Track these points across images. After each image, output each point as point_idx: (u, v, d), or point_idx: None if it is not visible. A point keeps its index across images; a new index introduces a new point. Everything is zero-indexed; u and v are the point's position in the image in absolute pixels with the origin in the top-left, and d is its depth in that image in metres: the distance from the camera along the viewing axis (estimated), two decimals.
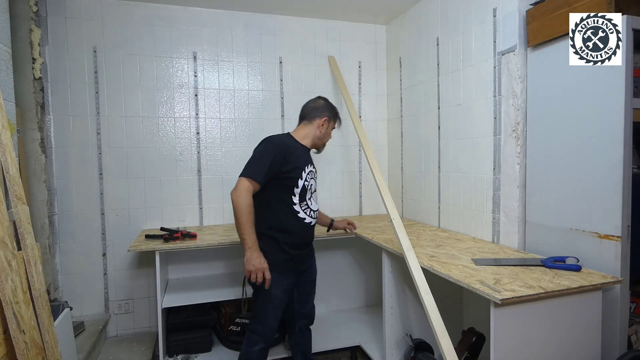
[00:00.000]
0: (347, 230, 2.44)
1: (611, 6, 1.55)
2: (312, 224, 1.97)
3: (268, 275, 1.78)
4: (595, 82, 1.64)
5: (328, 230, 2.41)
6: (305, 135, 1.99)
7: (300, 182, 1.86)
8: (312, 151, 2.07)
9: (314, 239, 2.06)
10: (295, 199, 1.87)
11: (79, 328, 2.38)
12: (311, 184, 1.95)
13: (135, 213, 2.71)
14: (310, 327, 2.19)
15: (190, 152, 2.81)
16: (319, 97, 2.09)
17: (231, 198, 1.75)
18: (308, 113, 2.02)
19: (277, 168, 1.80)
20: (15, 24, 2.14)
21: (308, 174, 1.92)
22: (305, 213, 1.92)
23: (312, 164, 1.99)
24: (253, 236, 1.76)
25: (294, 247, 1.90)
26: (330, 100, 2.08)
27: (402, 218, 2.54)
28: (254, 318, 1.94)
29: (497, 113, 2.10)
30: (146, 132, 2.72)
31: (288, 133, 2.02)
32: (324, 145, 2.09)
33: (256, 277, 1.77)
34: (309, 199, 1.93)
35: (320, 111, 2.00)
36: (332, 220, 2.41)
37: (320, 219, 2.33)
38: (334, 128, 2.10)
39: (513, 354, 1.41)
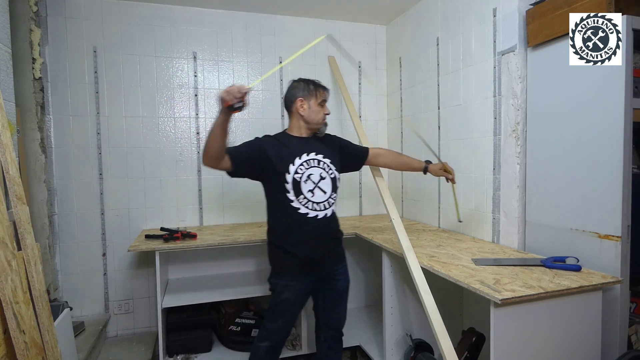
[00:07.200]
0: (447, 179, 2.09)
1: (611, 6, 1.55)
2: (318, 217, 1.79)
3: (243, 89, 1.50)
4: (595, 82, 1.64)
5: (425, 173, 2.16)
6: (297, 127, 1.89)
7: (289, 177, 1.77)
8: (317, 133, 1.93)
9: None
10: (291, 195, 1.77)
11: (79, 328, 2.38)
12: (309, 174, 1.79)
13: (135, 213, 2.71)
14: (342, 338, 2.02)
15: (190, 152, 2.81)
16: (292, 81, 1.93)
17: (204, 163, 1.72)
18: (286, 104, 1.93)
19: (251, 158, 1.78)
20: (15, 24, 2.14)
21: (302, 164, 1.79)
22: (307, 207, 1.78)
23: (312, 151, 1.84)
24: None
25: (299, 246, 1.78)
26: (330, 100, 2.03)
27: (402, 218, 2.54)
28: (266, 313, 1.89)
29: (497, 113, 2.10)
30: (146, 132, 2.72)
31: (284, 130, 1.94)
32: (322, 124, 1.91)
33: (233, 96, 1.50)
34: (310, 190, 1.79)
35: (293, 95, 1.87)
36: (427, 165, 2.11)
37: (409, 164, 2.15)
38: (323, 101, 1.89)
39: (513, 354, 1.41)
